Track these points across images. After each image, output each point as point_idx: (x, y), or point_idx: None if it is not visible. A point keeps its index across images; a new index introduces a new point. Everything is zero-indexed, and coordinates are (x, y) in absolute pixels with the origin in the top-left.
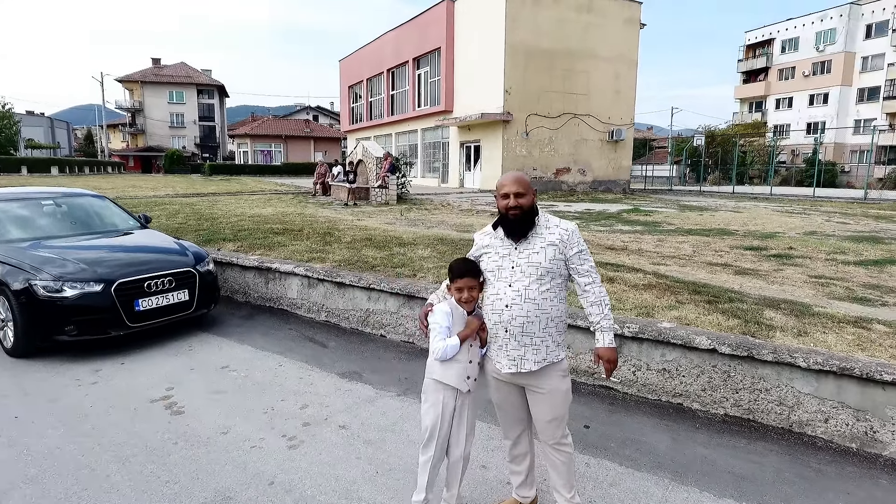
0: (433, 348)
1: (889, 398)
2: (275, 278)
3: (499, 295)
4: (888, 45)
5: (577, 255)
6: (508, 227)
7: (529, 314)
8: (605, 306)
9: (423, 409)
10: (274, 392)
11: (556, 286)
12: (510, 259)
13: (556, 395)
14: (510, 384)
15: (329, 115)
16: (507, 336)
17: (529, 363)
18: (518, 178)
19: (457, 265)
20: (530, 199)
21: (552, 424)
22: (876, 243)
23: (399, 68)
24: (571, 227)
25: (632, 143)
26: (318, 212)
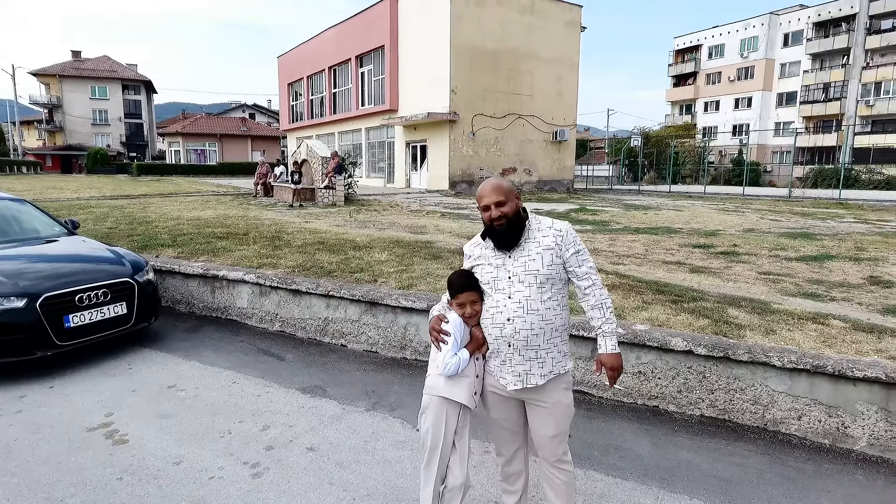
0: (444, 363)
1: (860, 394)
2: (222, 286)
3: (498, 307)
4: (803, 54)
5: (575, 255)
6: (497, 239)
7: (534, 326)
8: (607, 310)
9: (424, 429)
10: (230, 413)
11: (558, 292)
12: (505, 269)
13: (559, 410)
14: (510, 399)
15: (267, 113)
16: (510, 351)
17: (536, 377)
18: (495, 185)
19: (457, 279)
20: (514, 204)
21: (554, 441)
22: (809, 239)
23: (341, 66)
24: (566, 227)
25: (574, 143)
26: (262, 214)
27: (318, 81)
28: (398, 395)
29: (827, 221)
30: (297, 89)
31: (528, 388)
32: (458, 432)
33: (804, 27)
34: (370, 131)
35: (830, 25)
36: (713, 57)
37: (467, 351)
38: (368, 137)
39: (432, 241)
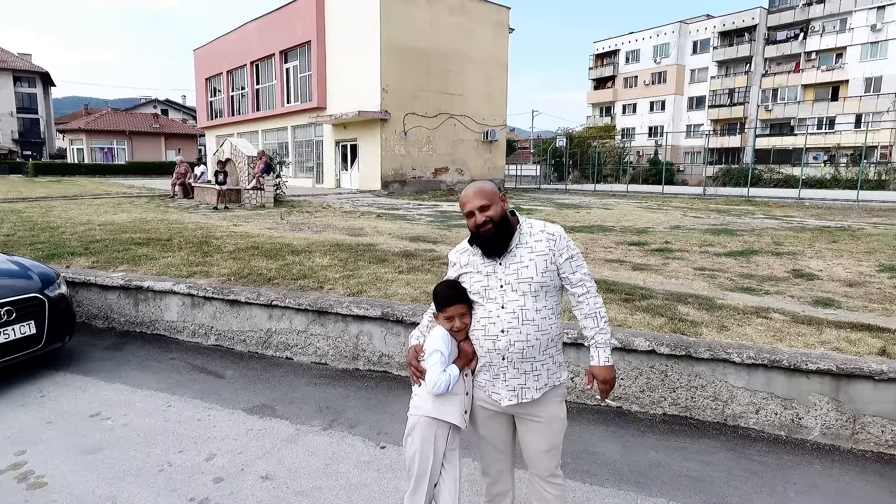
0: (433, 381)
1: (812, 386)
2: (147, 299)
3: (491, 318)
4: (710, 61)
5: (569, 261)
6: (485, 247)
7: (529, 338)
8: (601, 319)
9: (411, 452)
10: (167, 442)
11: (552, 300)
12: (496, 277)
13: (554, 423)
14: (500, 415)
15: (181, 109)
16: (504, 364)
17: (531, 391)
18: (478, 189)
19: (443, 291)
20: (499, 207)
21: (548, 455)
22: (731, 235)
23: (265, 61)
24: (559, 231)
25: (505, 143)
26: (184, 217)
27: (240, 77)
28: (356, 410)
29: (742, 218)
30: (216, 85)
31: (523, 403)
32: (446, 455)
33: (711, 36)
34: (297, 130)
35: (734, 35)
36: (630, 62)
37: (456, 367)
38: (295, 136)
39: (374, 244)
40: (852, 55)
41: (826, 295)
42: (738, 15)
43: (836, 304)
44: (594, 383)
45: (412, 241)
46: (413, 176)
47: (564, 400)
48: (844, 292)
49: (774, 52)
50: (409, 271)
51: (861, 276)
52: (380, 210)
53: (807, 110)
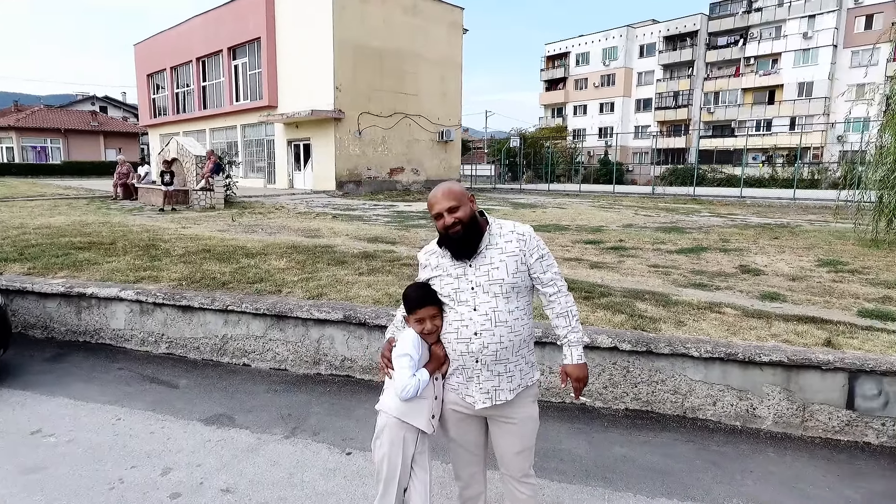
0: (401, 385)
1: (765, 377)
2: (91, 306)
3: (463, 321)
4: (656, 64)
5: (539, 261)
6: (454, 248)
7: (503, 339)
8: (572, 318)
9: (379, 456)
10: (118, 457)
11: (524, 301)
12: (467, 279)
13: (527, 424)
14: (471, 417)
15: (122, 106)
16: (478, 367)
17: (505, 393)
18: (447, 190)
19: (414, 293)
20: (468, 208)
21: (521, 456)
22: (681, 233)
23: (212, 58)
24: (528, 232)
25: (460, 143)
26: (128, 220)
27: (185, 73)
28: (319, 416)
29: (690, 216)
30: (159, 81)
31: (497, 405)
32: (416, 459)
33: (656, 40)
34: (247, 129)
35: (678, 40)
36: (580, 64)
37: (426, 371)
38: (245, 135)
39: (332, 245)
40: (787, 61)
41: (772, 289)
42: (682, 20)
43: (782, 297)
44: (568, 381)
45: (371, 242)
46: (368, 176)
47: (537, 400)
48: (788, 286)
49: (715, 57)
50: (370, 273)
51: (802, 270)
52: (335, 211)
53: (746, 113)
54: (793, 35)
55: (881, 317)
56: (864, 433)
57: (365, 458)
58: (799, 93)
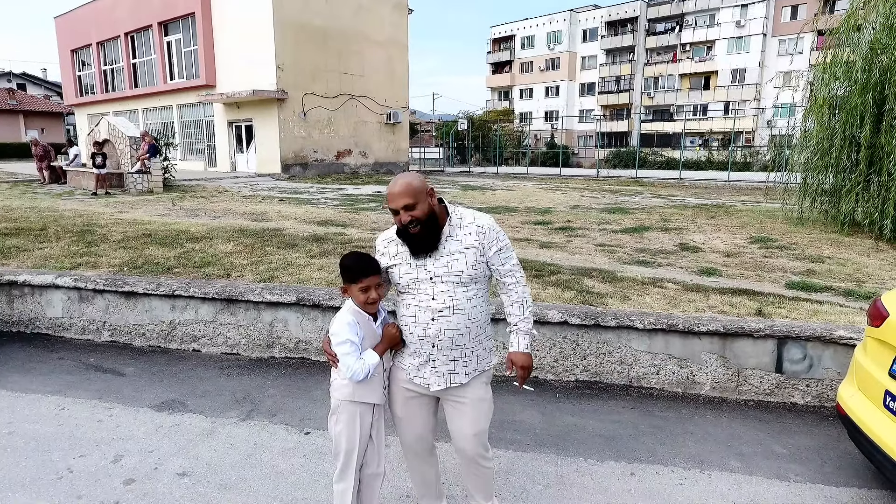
0: (348, 368)
1: (704, 346)
2: (24, 294)
3: (420, 307)
4: (599, 49)
5: (498, 253)
6: (413, 245)
7: (459, 326)
8: (526, 308)
9: (336, 431)
10: (64, 447)
11: (482, 289)
12: (425, 269)
13: (481, 406)
14: (423, 396)
15: (43, 84)
16: (434, 351)
17: (460, 376)
18: (404, 186)
19: (354, 262)
20: (426, 205)
21: (476, 439)
22: (625, 213)
23: (141, 33)
24: (488, 224)
25: (408, 125)
26: (58, 205)
27: (113, 49)
28: (275, 398)
29: (633, 197)
30: (84, 58)
31: (451, 387)
32: (373, 425)
33: (598, 25)
34: (183, 109)
35: (619, 25)
36: (525, 47)
37: (375, 353)
38: (182, 115)
39: (281, 229)
40: (720, 48)
41: (709, 265)
42: (622, 6)
43: (718, 272)
44: (513, 369)
45: (321, 226)
46: (315, 159)
47: (490, 382)
48: (724, 262)
49: (654, 43)
50: (322, 255)
51: (736, 247)
52: (282, 194)
53: (684, 98)
54: (726, 23)
55: (806, 288)
56: (791, 394)
57: (324, 436)
58: (732, 79)
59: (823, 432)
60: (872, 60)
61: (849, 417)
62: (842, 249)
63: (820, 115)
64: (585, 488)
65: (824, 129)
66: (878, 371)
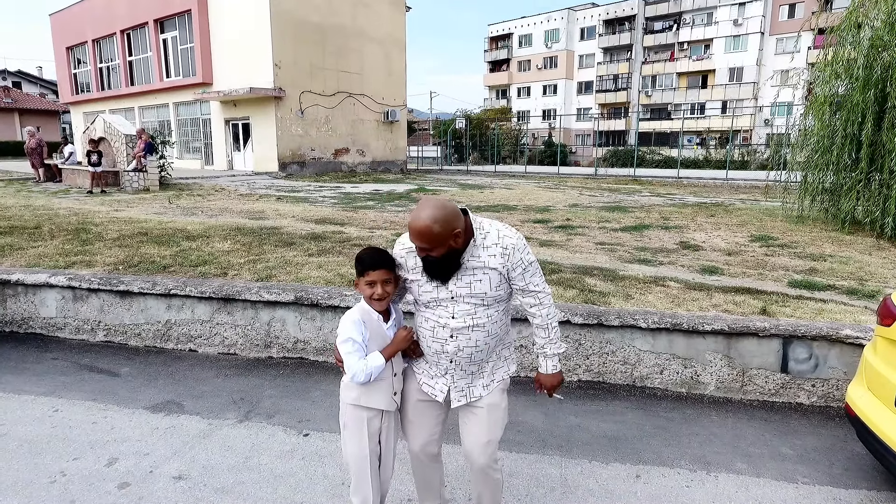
0: (351, 370)
1: (708, 345)
2: (17, 294)
3: (440, 322)
4: (597, 47)
5: (522, 274)
6: (430, 272)
7: (479, 343)
8: (552, 330)
9: (345, 439)
10: (58, 449)
11: (504, 305)
12: (446, 289)
13: (495, 413)
14: (434, 403)
15: (39, 82)
16: (452, 367)
17: (479, 389)
18: (424, 230)
19: (368, 255)
20: (446, 247)
21: (488, 447)
22: (624, 212)
23: (137, 30)
24: (514, 243)
25: (406, 124)
26: (53, 203)
27: (109, 47)
28: (273, 399)
29: (632, 196)
30: (80, 55)
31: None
32: (382, 431)
33: (596, 23)
34: (180, 107)
35: (616, 24)
36: (523, 46)
37: (381, 356)
38: (178, 113)
39: (278, 227)
40: (718, 46)
41: (711, 263)
42: (620, 4)
43: (720, 271)
44: (542, 389)
45: (319, 224)
46: (312, 157)
47: (506, 390)
48: (725, 260)
49: (652, 42)
50: (320, 254)
51: (737, 245)
52: (279, 193)
53: (681, 96)
54: (723, 22)
55: (809, 287)
56: (797, 394)
57: (323, 438)
58: (730, 78)
59: (830, 433)
60: (874, 58)
61: (858, 418)
62: (843, 248)
63: (820, 113)
64: (590, 491)
65: (825, 127)
66: (890, 371)
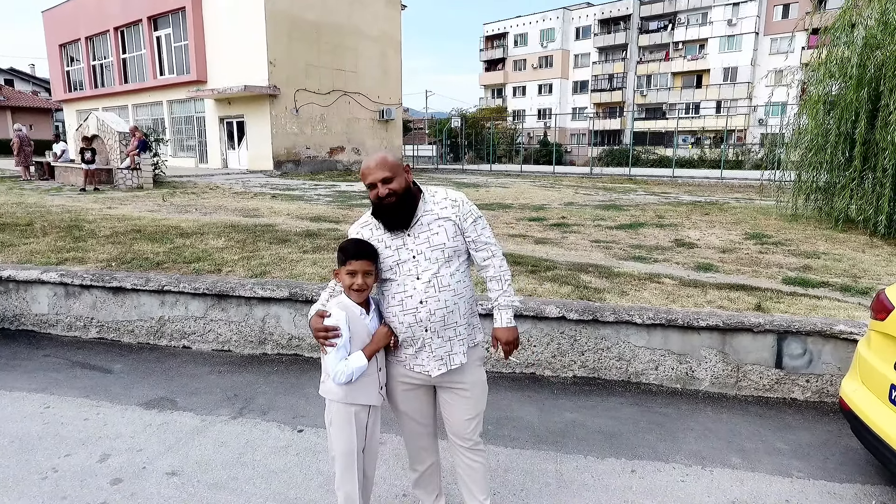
0: (333, 370)
1: (703, 341)
2: (8, 290)
3: (407, 292)
4: (592, 47)
5: (473, 224)
6: (387, 219)
7: (448, 303)
8: (505, 282)
9: (332, 435)
10: (49, 446)
11: (463, 263)
12: (407, 249)
13: (477, 388)
14: (421, 387)
15: (31, 80)
16: (428, 335)
17: (459, 356)
18: (381, 160)
19: (350, 244)
20: (402, 179)
21: (472, 423)
22: (619, 210)
23: (131, 28)
24: (461, 197)
25: (401, 123)
26: (45, 200)
27: (102, 44)
28: (267, 395)
29: (627, 194)
30: (73, 53)
31: (452, 370)
32: (368, 426)
33: (591, 23)
34: (174, 105)
35: (612, 23)
36: (518, 45)
37: (363, 354)
38: (172, 111)
39: (273, 224)
40: (712, 46)
41: (705, 261)
42: (615, 4)
43: (715, 268)
44: (498, 345)
45: (313, 221)
46: (308, 156)
47: (483, 364)
48: (720, 258)
49: (647, 41)
50: (314, 251)
51: (732, 243)
52: (274, 191)
53: (676, 96)
54: (718, 21)
55: (802, 283)
56: (791, 390)
57: (318, 434)
58: (724, 77)
59: (824, 428)
60: (867, 57)
61: (853, 412)
62: (836, 245)
63: (814, 111)
64: (585, 486)
65: (819, 125)
66: (883, 365)
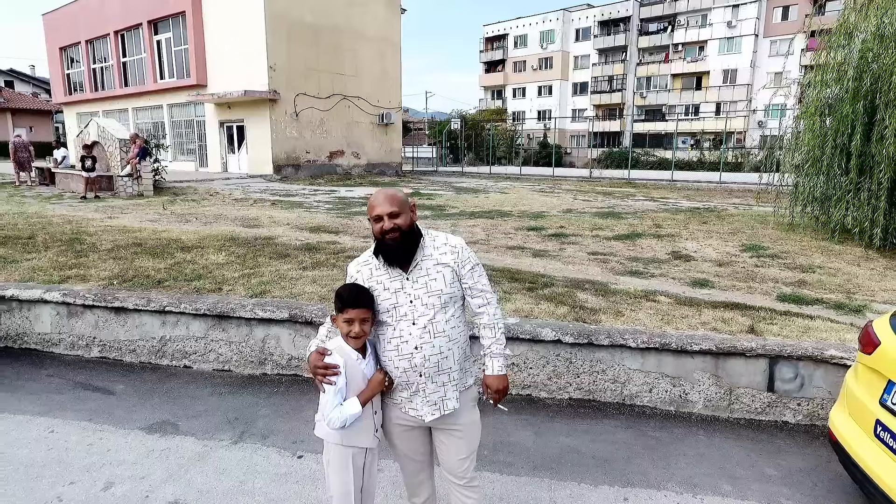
0: (328, 416)
1: (696, 364)
2: (11, 309)
3: (403, 337)
4: (592, 49)
5: (471, 272)
6: (389, 255)
7: (443, 350)
8: (498, 330)
9: (330, 476)
10: (54, 473)
11: (458, 308)
12: (405, 293)
13: (471, 429)
14: (417, 428)
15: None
16: (423, 380)
17: (452, 402)
18: (390, 195)
19: (347, 291)
20: (408, 217)
21: (466, 461)
22: (617, 218)
23: (131, 31)
24: (460, 243)
25: (401, 125)
26: (46, 209)
27: (102, 47)
28: (267, 418)
29: (626, 200)
30: (73, 55)
31: (445, 415)
32: (366, 466)
33: (591, 25)
34: (174, 108)
35: (611, 25)
36: (518, 46)
37: (357, 401)
38: (172, 115)
39: (273, 237)
40: (712, 48)
41: (701, 275)
42: (615, 6)
43: (710, 283)
44: (489, 393)
45: (313, 233)
46: (307, 160)
47: (477, 403)
48: (716, 272)
49: (647, 43)
50: (314, 267)
51: (728, 255)
52: (274, 197)
53: (675, 98)
54: (718, 24)
55: (797, 301)
56: (783, 413)
57: (317, 461)
58: (724, 79)
59: (815, 453)
60: (864, 69)
61: (840, 444)
62: (832, 258)
63: (812, 122)
64: None
65: (816, 136)
66: (869, 399)
